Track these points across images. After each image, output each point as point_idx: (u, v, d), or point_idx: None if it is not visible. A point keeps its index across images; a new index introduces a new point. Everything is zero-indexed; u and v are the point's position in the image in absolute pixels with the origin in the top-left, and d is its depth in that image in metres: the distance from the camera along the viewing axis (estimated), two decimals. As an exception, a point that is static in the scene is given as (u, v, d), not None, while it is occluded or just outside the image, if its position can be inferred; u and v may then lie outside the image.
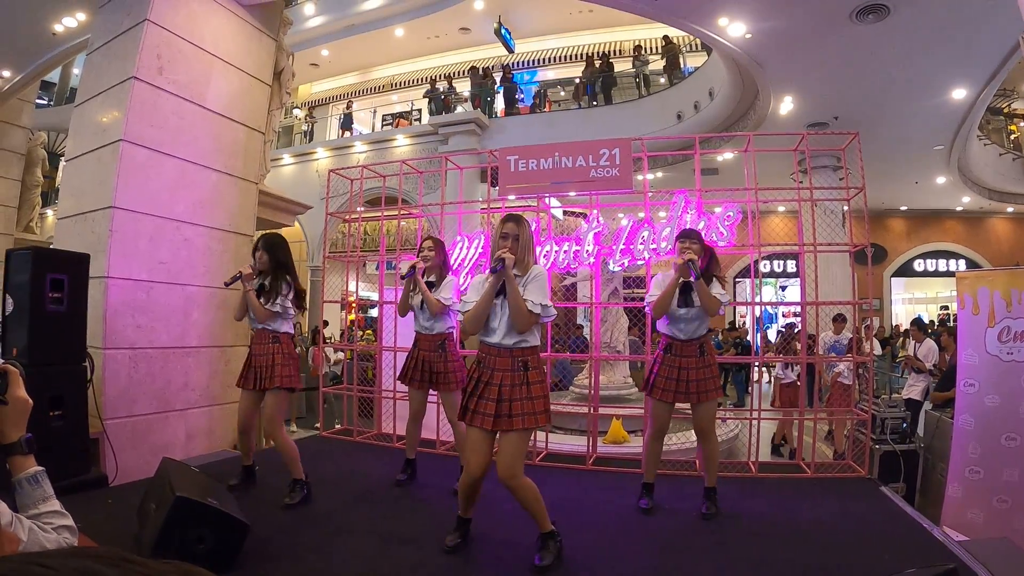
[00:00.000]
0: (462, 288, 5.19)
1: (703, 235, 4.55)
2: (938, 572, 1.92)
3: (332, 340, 13.73)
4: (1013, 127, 16.13)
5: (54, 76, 18.59)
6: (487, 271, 3.20)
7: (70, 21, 7.41)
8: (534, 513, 3.19)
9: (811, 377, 7.27)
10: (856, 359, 5.65)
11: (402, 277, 4.52)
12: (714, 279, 4.02)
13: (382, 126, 17.83)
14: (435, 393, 4.87)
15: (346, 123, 18.16)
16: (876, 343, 10.21)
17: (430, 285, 4.44)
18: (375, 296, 6.87)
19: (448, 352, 4.53)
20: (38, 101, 14.66)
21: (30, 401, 1.47)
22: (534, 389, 3.19)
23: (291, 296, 4.22)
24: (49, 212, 16.32)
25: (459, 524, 3.43)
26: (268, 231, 4.91)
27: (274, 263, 4.20)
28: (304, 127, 18.71)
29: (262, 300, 4.13)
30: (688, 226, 5.16)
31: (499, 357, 3.21)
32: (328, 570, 3.17)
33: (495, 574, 3.17)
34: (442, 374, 4.46)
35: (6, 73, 9.54)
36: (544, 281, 3.26)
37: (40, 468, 1.45)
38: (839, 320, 8.39)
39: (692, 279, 3.85)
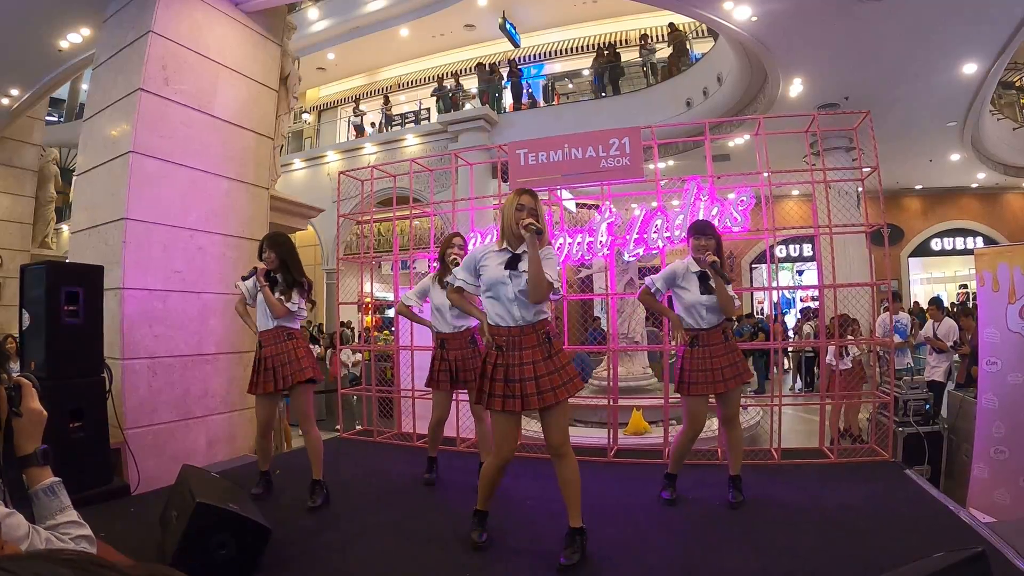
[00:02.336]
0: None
1: (715, 224, 4.50)
2: (966, 555, 1.88)
3: (351, 342, 13.76)
4: (1026, 100, 15.85)
5: (63, 92, 18.81)
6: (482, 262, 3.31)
7: (75, 37, 7.44)
8: (570, 499, 3.12)
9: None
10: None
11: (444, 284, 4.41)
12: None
13: (391, 126, 17.83)
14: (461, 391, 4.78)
15: (387, 121, 18.09)
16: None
17: None
18: (391, 296, 6.86)
19: (478, 347, 4.45)
20: (48, 118, 14.84)
21: (44, 413, 1.46)
22: (560, 358, 3.20)
23: (305, 294, 4.21)
24: (64, 227, 16.46)
25: (481, 519, 3.38)
26: (270, 232, 4.93)
27: (282, 260, 4.15)
28: (355, 120, 18.59)
29: (279, 297, 4.09)
30: (701, 213, 5.11)
31: (523, 336, 3.16)
32: (350, 571, 3.17)
33: (519, 572, 3.14)
34: (472, 371, 4.32)
35: (14, 91, 9.61)
36: (556, 260, 3.25)
37: (56, 479, 1.44)
38: (894, 300, 7.53)
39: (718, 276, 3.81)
